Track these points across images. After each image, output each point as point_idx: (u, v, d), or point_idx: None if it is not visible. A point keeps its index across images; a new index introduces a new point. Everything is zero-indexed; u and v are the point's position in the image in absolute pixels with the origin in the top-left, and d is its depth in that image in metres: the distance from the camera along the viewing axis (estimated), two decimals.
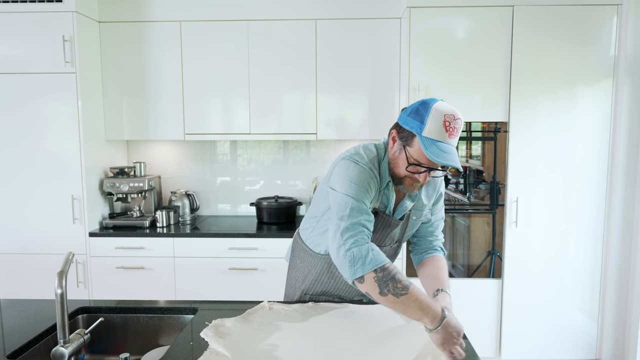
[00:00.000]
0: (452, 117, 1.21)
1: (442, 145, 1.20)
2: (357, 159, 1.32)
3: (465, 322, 1.49)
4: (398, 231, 1.46)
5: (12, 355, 1.23)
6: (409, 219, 1.45)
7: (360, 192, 1.28)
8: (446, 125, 1.20)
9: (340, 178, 1.31)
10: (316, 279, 1.55)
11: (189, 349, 1.23)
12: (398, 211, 1.42)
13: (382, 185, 1.36)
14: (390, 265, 1.21)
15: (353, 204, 1.27)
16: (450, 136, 1.21)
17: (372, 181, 1.31)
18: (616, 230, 2.65)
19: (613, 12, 2.57)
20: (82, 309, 1.55)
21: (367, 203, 1.29)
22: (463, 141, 2.87)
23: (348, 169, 1.31)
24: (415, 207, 1.45)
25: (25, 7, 2.62)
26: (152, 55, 2.91)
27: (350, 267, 1.21)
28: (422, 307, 1.15)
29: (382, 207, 1.39)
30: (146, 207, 3.06)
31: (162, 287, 2.78)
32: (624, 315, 2.69)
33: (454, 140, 1.22)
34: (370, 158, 1.34)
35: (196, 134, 2.97)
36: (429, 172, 1.27)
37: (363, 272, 1.19)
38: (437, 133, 1.20)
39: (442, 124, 1.20)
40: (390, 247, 1.49)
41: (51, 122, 2.69)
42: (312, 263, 1.55)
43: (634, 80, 2.56)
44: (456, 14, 2.61)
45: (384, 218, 1.40)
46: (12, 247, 2.76)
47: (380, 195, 1.37)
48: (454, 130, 1.21)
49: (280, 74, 2.89)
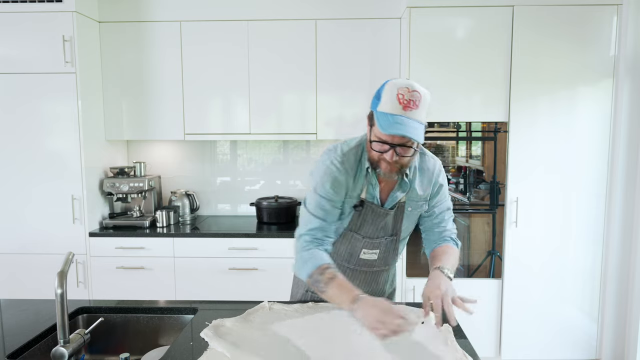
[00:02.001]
0: (405, 90, 1.20)
1: (396, 117, 1.19)
2: (325, 158, 1.40)
3: (466, 322, 1.49)
4: (391, 222, 1.45)
5: (12, 355, 1.23)
6: (403, 210, 1.44)
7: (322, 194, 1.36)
8: (399, 97, 1.20)
9: (311, 177, 1.43)
10: None
11: (189, 349, 1.23)
12: (389, 201, 1.42)
13: (361, 173, 1.38)
14: (314, 272, 1.29)
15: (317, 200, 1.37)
16: (406, 108, 1.19)
17: (339, 177, 1.36)
18: (616, 230, 2.65)
19: (613, 12, 2.57)
20: (82, 309, 1.55)
21: (333, 196, 1.36)
22: (463, 141, 2.87)
23: (316, 168, 1.41)
24: (410, 197, 1.43)
25: (25, 7, 2.61)
26: (152, 55, 2.91)
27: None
28: (337, 297, 1.24)
29: (369, 196, 1.40)
30: (146, 207, 3.06)
31: (162, 287, 2.78)
32: (624, 315, 2.69)
33: (411, 112, 1.20)
34: (345, 151, 1.39)
35: (196, 134, 2.97)
36: (394, 149, 1.25)
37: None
38: (391, 106, 1.20)
39: (395, 97, 1.20)
40: (385, 240, 1.48)
41: (51, 122, 2.69)
42: None
43: (634, 80, 2.56)
44: (456, 14, 2.61)
45: (371, 207, 1.41)
46: (12, 247, 2.76)
47: (363, 184, 1.39)
48: (409, 102, 1.19)
49: (281, 73, 2.89)
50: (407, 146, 1.25)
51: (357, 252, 1.49)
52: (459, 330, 1.33)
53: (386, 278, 1.61)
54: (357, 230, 1.45)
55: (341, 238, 1.48)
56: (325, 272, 1.27)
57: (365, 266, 1.53)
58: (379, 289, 1.60)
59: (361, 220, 1.43)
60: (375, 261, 1.51)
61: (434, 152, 2.86)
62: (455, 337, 1.26)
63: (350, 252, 1.50)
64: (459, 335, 1.29)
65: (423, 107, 1.23)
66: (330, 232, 1.40)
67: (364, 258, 1.50)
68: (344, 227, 1.46)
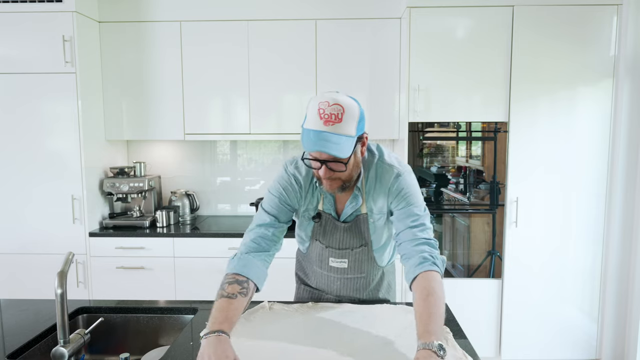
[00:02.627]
0: (326, 104, 1.16)
1: (317, 134, 1.15)
2: (283, 167, 1.42)
3: (466, 322, 1.49)
4: (355, 233, 1.41)
5: (12, 355, 1.23)
6: (367, 221, 1.39)
7: (275, 193, 1.39)
8: (320, 112, 1.16)
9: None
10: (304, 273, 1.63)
11: (189, 349, 1.23)
12: (343, 214, 1.40)
13: (307, 186, 1.38)
14: (229, 274, 1.25)
15: (271, 198, 1.39)
16: (327, 123, 1.15)
17: (289, 187, 1.38)
18: (616, 230, 2.65)
19: (613, 12, 2.57)
20: (82, 309, 1.55)
21: (282, 199, 1.37)
22: (463, 141, 2.87)
23: (277, 174, 1.43)
24: (369, 208, 1.38)
25: (25, 7, 2.61)
26: (152, 55, 2.91)
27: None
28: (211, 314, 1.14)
29: (326, 208, 1.40)
30: (146, 207, 3.06)
31: (162, 287, 2.78)
32: (624, 315, 2.69)
33: (333, 127, 1.15)
34: (299, 165, 1.39)
35: (196, 134, 2.97)
36: (325, 165, 1.20)
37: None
38: (313, 122, 1.17)
39: (316, 112, 1.16)
40: (353, 250, 1.44)
41: (51, 122, 2.69)
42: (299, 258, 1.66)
43: (634, 80, 2.56)
44: (456, 14, 2.61)
45: (330, 219, 1.41)
46: (12, 247, 2.76)
47: (319, 196, 1.39)
48: (330, 116, 1.15)
49: (281, 73, 2.89)
50: (338, 161, 1.20)
51: (325, 260, 1.48)
52: (459, 330, 1.33)
53: (365, 285, 1.53)
54: (320, 239, 1.45)
55: (310, 245, 1.49)
56: (229, 286, 1.21)
57: (337, 273, 1.50)
58: (362, 293, 1.55)
59: (322, 231, 1.43)
60: (346, 269, 1.48)
61: (433, 152, 2.88)
62: (455, 337, 1.26)
63: (320, 259, 1.50)
64: (459, 335, 1.29)
65: (348, 120, 1.17)
66: (279, 231, 1.38)
67: (333, 266, 1.48)
68: (309, 235, 1.46)
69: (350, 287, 1.53)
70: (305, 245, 1.52)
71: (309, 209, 1.42)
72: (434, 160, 2.84)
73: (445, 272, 2.92)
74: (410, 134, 2.72)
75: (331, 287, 1.54)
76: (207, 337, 1.06)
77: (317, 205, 1.41)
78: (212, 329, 1.08)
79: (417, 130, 2.75)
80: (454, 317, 1.44)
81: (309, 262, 1.58)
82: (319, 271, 1.54)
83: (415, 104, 2.65)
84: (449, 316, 1.44)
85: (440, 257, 1.26)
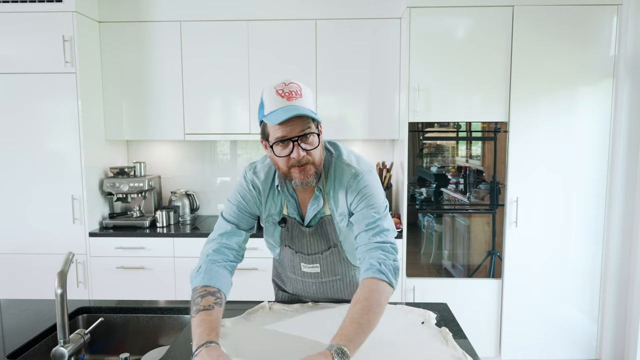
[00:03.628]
0: (282, 85, 1.18)
1: (283, 108, 1.15)
2: (242, 174, 1.41)
3: (466, 322, 1.49)
4: (322, 236, 1.37)
5: (12, 355, 1.23)
6: (331, 222, 1.35)
7: (233, 202, 1.38)
8: (279, 92, 1.17)
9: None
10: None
11: (189, 349, 1.23)
12: (307, 217, 1.36)
13: (267, 191, 1.35)
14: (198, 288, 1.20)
15: (231, 207, 1.38)
16: (290, 99, 1.16)
17: (247, 194, 1.37)
18: (616, 230, 2.65)
19: (613, 12, 2.57)
20: (82, 309, 1.55)
21: (242, 207, 1.36)
22: (463, 141, 2.87)
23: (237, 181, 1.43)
24: (332, 209, 1.33)
25: (25, 7, 2.61)
26: (152, 55, 2.91)
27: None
28: (194, 329, 1.09)
29: (291, 212, 1.37)
30: (146, 207, 3.06)
31: (162, 287, 2.78)
32: (624, 315, 2.69)
33: (296, 101, 1.16)
34: (257, 170, 1.38)
35: (196, 134, 2.97)
36: (297, 144, 1.17)
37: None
38: (275, 103, 1.17)
39: (275, 94, 1.17)
40: (323, 254, 1.40)
41: (51, 122, 2.69)
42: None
43: (634, 80, 2.56)
44: (456, 14, 2.61)
45: (295, 224, 1.37)
46: (12, 247, 2.76)
47: (282, 201, 1.36)
48: (290, 93, 1.16)
49: (281, 73, 2.89)
50: (311, 134, 1.18)
51: (298, 265, 1.45)
52: (459, 330, 1.33)
53: (342, 287, 1.49)
54: (289, 244, 1.42)
55: (281, 251, 1.46)
56: (201, 299, 1.16)
57: (312, 278, 1.46)
58: (340, 296, 1.50)
59: (290, 236, 1.40)
60: (319, 273, 1.44)
61: (433, 152, 2.88)
62: (455, 337, 1.26)
63: (292, 265, 1.46)
64: (459, 335, 1.29)
65: (307, 97, 1.19)
66: (241, 239, 1.35)
67: (306, 271, 1.45)
68: (278, 241, 1.43)
69: (328, 291, 1.50)
70: (276, 251, 1.48)
71: (272, 214, 1.38)
72: (434, 160, 2.84)
73: (445, 272, 2.93)
74: (410, 134, 2.72)
75: (308, 291, 1.51)
76: (198, 351, 1.02)
77: (281, 210, 1.37)
78: (200, 342, 1.03)
79: (417, 130, 2.75)
80: (454, 317, 1.44)
81: (283, 268, 1.54)
82: (293, 277, 1.50)
83: (415, 104, 2.65)
84: (448, 316, 1.44)
85: (392, 264, 1.18)
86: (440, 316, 1.42)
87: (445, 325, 1.35)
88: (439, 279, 2.80)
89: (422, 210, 2.83)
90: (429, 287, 2.74)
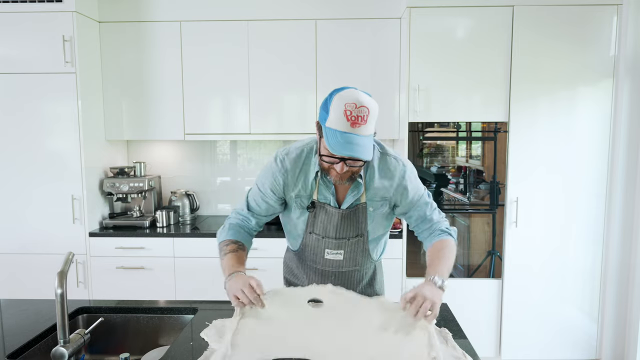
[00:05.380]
0: (353, 106, 1.18)
1: (344, 135, 1.18)
2: (273, 156, 1.44)
3: (466, 322, 1.49)
4: (352, 222, 1.42)
5: (12, 355, 1.23)
6: (365, 210, 1.42)
7: (260, 182, 1.45)
8: (347, 114, 1.18)
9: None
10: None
11: (189, 349, 1.23)
12: (345, 202, 1.41)
13: (308, 175, 1.39)
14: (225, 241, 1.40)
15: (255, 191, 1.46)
16: (354, 125, 1.18)
17: (277, 173, 1.40)
18: (616, 230, 2.65)
19: (613, 12, 2.56)
20: (82, 309, 1.55)
21: (267, 190, 1.43)
22: (463, 141, 2.87)
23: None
24: (369, 198, 1.40)
25: (25, 7, 2.61)
26: (152, 55, 2.91)
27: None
28: (223, 268, 1.34)
29: (321, 197, 1.41)
30: (146, 207, 3.06)
31: (162, 287, 2.78)
32: (624, 315, 2.69)
33: (359, 129, 1.18)
34: (290, 152, 1.41)
35: (196, 134, 2.97)
36: (344, 162, 1.23)
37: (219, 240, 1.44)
38: (339, 122, 1.19)
39: (342, 113, 1.18)
40: (349, 240, 1.45)
41: (51, 122, 2.69)
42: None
43: (634, 80, 2.56)
44: (456, 14, 2.61)
45: (324, 208, 1.41)
46: (12, 247, 2.76)
47: (313, 185, 1.40)
48: (357, 118, 1.18)
49: (281, 73, 2.89)
50: (356, 159, 1.23)
51: (321, 253, 1.48)
52: (459, 330, 1.33)
53: (359, 278, 1.56)
54: (315, 231, 1.46)
55: (304, 239, 1.49)
56: (227, 246, 1.38)
57: (332, 267, 1.51)
58: (355, 288, 1.55)
59: (317, 221, 1.44)
60: (341, 262, 1.49)
61: (433, 152, 2.88)
62: (455, 337, 1.26)
63: (315, 253, 1.50)
64: (459, 335, 1.29)
65: (371, 121, 1.22)
66: (258, 225, 1.50)
67: (329, 258, 1.49)
68: (302, 228, 1.47)
69: (344, 282, 1.53)
70: (298, 241, 1.52)
71: (301, 195, 1.42)
72: (434, 160, 2.85)
73: None
74: (410, 134, 2.72)
75: (324, 282, 1.52)
76: (229, 278, 1.27)
77: (311, 194, 1.41)
78: (230, 272, 1.29)
79: (417, 130, 2.75)
80: (454, 317, 1.44)
81: (302, 261, 1.57)
82: (314, 267, 1.53)
83: (415, 104, 2.65)
84: (448, 316, 1.44)
85: (453, 228, 1.44)
86: (440, 316, 1.42)
87: (445, 325, 1.35)
88: None
89: None
90: None
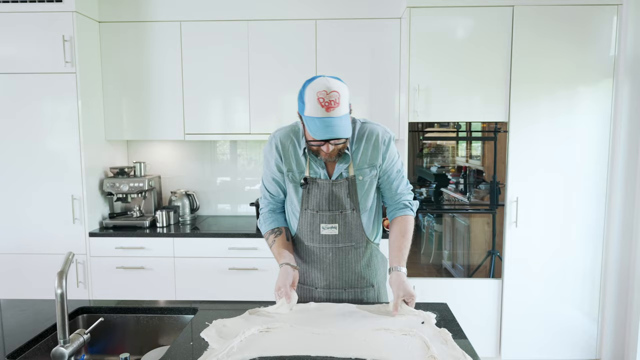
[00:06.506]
0: (324, 93, 1.31)
1: (322, 120, 1.32)
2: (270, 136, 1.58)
3: (466, 322, 1.49)
4: (342, 193, 1.51)
5: (12, 355, 1.23)
6: (354, 181, 1.51)
7: (265, 163, 1.59)
8: (320, 101, 1.31)
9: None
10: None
11: (189, 349, 1.23)
12: (334, 174, 1.52)
13: (297, 153, 1.52)
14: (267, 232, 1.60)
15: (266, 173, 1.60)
16: (329, 109, 1.31)
17: (273, 149, 1.54)
18: (616, 230, 2.65)
19: (613, 12, 2.57)
20: (82, 309, 1.55)
21: (273, 168, 1.56)
22: (463, 141, 2.87)
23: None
24: (357, 167, 1.51)
25: (25, 7, 2.61)
26: (152, 55, 2.91)
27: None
28: (275, 257, 1.54)
29: (312, 173, 1.52)
30: (146, 207, 3.06)
31: (162, 287, 2.78)
32: (624, 315, 2.69)
33: (334, 111, 1.32)
34: (277, 135, 1.55)
35: (196, 134, 2.97)
36: (328, 142, 1.38)
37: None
38: (315, 110, 1.32)
39: (316, 101, 1.31)
40: (342, 213, 1.53)
41: (51, 122, 2.69)
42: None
43: (634, 80, 2.56)
44: (456, 14, 2.61)
45: (316, 182, 1.50)
46: (12, 247, 2.76)
47: (304, 162, 1.51)
48: (330, 103, 1.31)
49: (281, 74, 2.89)
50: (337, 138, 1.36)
51: (317, 229, 1.55)
52: (459, 330, 1.33)
53: (357, 257, 1.58)
54: (309, 206, 1.54)
55: (300, 218, 1.56)
56: (268, 239, 1.59)
57: (329, 242, 1.55)
58: (353, 269, 1.58)
59: (311, 196, 1.52)
60: (337, 236, 1.55)
61: (433, 152, 2.88)
62: (455, 337, 1.26)
63: (311, 230, 1.56)
64: (459, 335, 1.29)
65: (344, 102, 1.35)
66: (280, 204, 1.64)
67: (325, 234, 1.55)
68: (298, 205, 1.53)
69: (342, 260, 1.57)
70: (296, 223, 1.59)
71: (294, 170, 1.53)
72: (434, 160, 2.85)
73: (445, 272, 2.93)
74: (410, 134, 2.72)
75: (323, 261, 1.57)
76: (281, 266, 1.47)
77: (302, 170, 1.52)
78: (281, 262, 1.49)
79: (417, 130, 2.75)
80: (454, 317, 1.44)
81: (300, 241, 1.60)
82: (311, 245, 1.57)
83: (415, 104, 2.65)
84: (448, 316, 1.44)
85: (415, 202, 1.61)
86: (440, 316, 1.42)
87: (445, 325, 1.35)
88: (439, 279, 2.80)
89: (422, 210, 2.84)
90: (429, 287, 2.74)
